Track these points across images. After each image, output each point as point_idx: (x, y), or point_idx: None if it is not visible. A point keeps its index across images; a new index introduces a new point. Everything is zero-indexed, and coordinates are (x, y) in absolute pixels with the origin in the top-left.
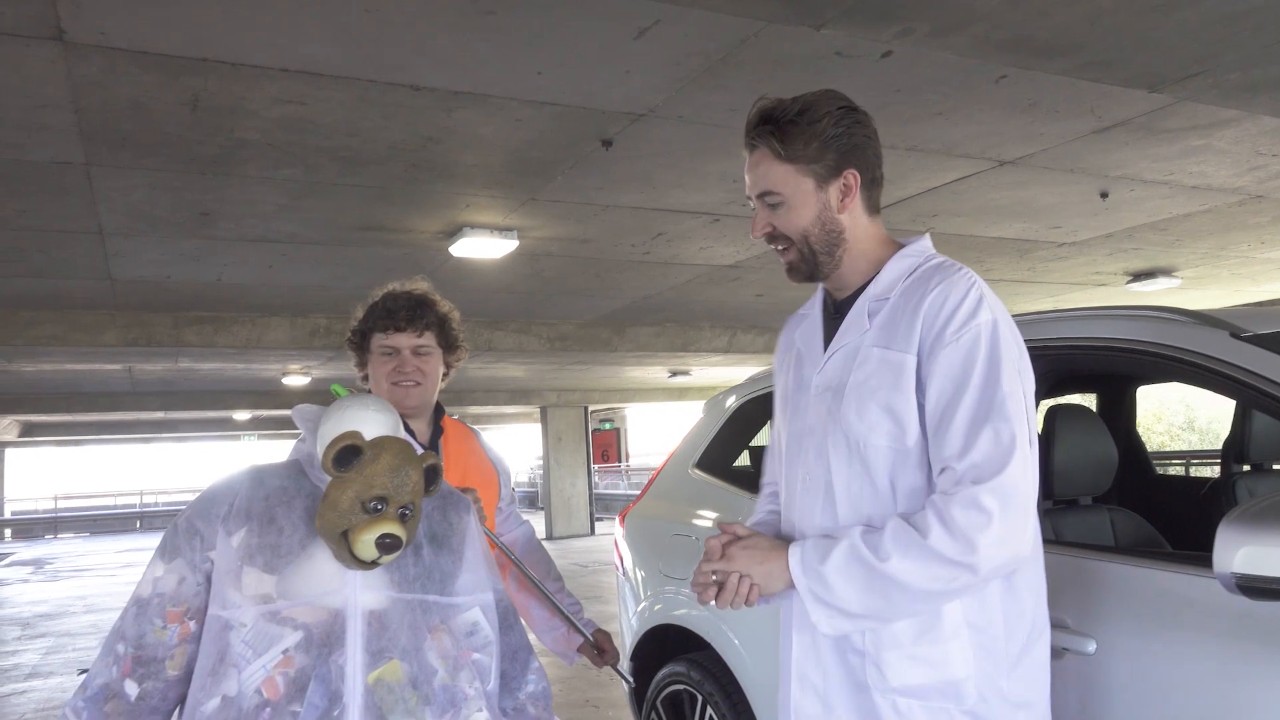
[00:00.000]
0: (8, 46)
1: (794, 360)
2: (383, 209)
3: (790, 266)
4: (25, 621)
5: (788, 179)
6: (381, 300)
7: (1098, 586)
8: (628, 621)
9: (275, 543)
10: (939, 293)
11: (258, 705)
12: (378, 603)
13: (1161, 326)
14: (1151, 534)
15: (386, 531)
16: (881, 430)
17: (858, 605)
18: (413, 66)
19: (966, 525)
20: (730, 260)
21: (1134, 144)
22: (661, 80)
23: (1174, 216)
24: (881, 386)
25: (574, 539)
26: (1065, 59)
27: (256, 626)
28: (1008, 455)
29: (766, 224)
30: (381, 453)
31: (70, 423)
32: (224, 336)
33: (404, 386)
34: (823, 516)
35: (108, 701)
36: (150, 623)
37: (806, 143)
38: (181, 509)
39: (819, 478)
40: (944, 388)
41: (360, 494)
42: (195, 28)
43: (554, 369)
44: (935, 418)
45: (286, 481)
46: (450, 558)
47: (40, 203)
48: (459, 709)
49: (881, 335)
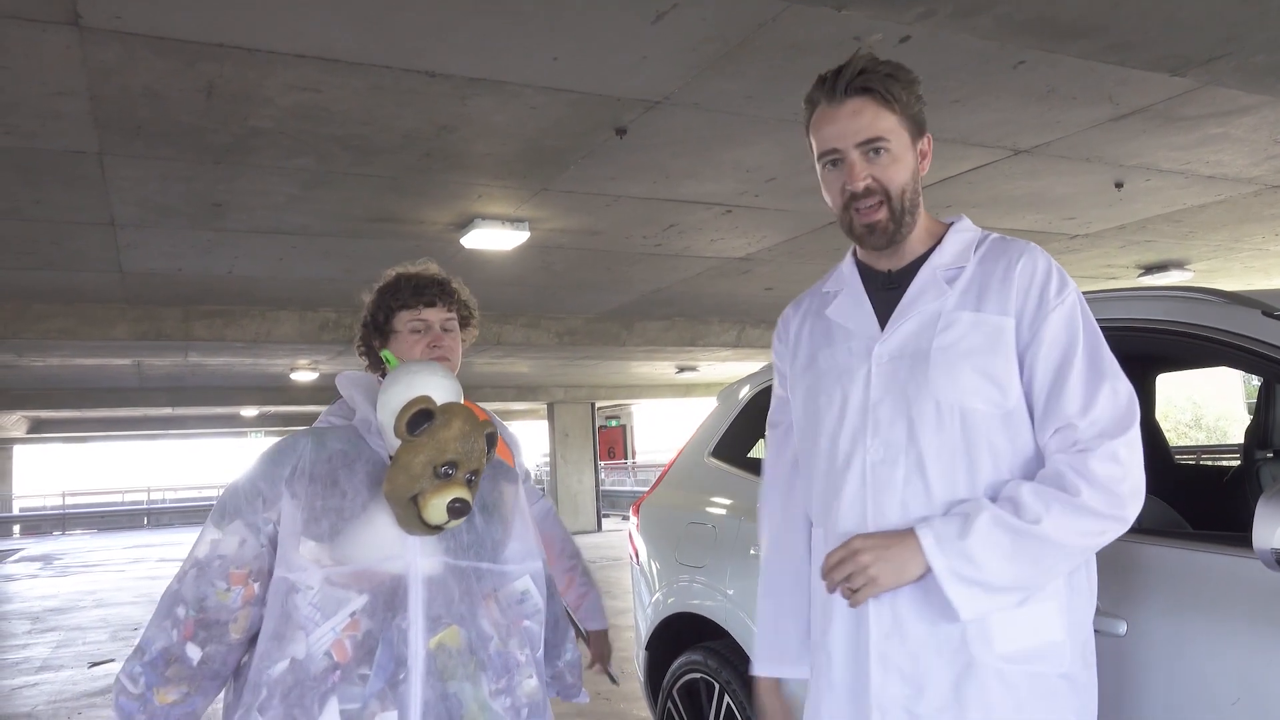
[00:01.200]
0: (23, 30)
1: (819, 339)
2: (394, 199)
3: (875, 226)
4: (35, 616)
5: (895, 129)
6: (402, 279)
7: (1127, 568)
8: (643, 611)
9: (339, 505)
10: (1028, 261)
11: (327, 668)
12: (434, 569)
13: (1193, 306)
14: (1175, 519)
15: (457, 496)
16: (979, 394)
17: (1007, 576)
18: (429, 52)
19: (1108, 479)
20: (741, 253)
21: (1151, 132)
22: (677, 66)
23: (1188, 207)
24: (976, 350)
25: (581, 535)
26: (1088, 40)
27: (323, 589)
28: (1131, 410)
29: (867, 174)
30: (453, 418)
31: (78, 419)
32: (233, 330)
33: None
34: (906, 488)
35: (169, 666)
36: (212, 585)
37: (909, 95)
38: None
39: (900, 447)
40: (1054, 350)
41: (433, 458)
42: (211, 12)
43: (562, 365)
44: (1048, 379)
45: (347, 445)
46: (501, 526)
47: (53, 193)
48: (512, 675)
49: (968, 299)
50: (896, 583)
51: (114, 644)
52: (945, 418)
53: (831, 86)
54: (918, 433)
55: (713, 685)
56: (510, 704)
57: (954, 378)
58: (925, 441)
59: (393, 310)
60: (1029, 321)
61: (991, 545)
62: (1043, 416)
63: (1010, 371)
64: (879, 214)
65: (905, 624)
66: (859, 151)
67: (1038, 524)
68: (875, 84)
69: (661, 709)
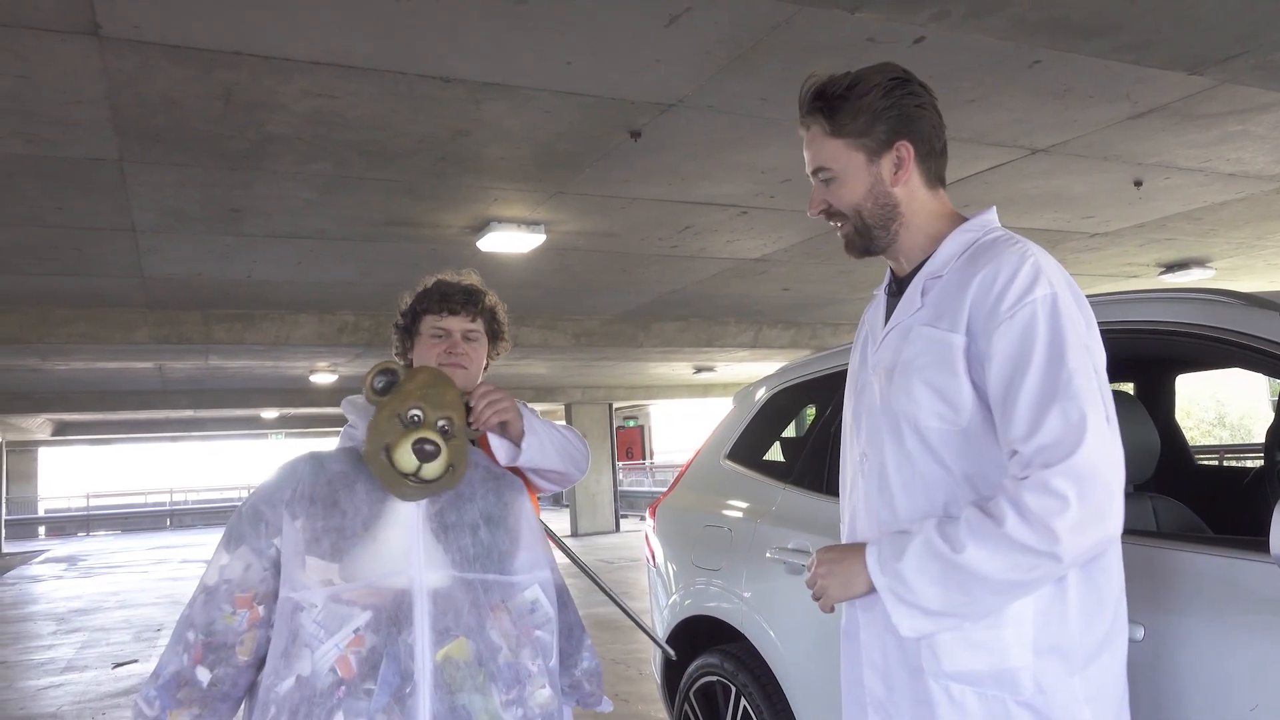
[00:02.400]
0: (44, 41)
1: (863, 340)
2: (410, 204)
3: (846, 241)
4: (60, 617)
5: (838, 154)
6: (436, 285)
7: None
8: (660, 613)
9: (340, 525)
10: (990, 269)
11: (333, 684)
12: (441, 582)
13: (1211, 308)
14: (1195, 521)
15: (422, 436)
16: (929, 410)
17: (938, 602)
18: (443, 58)
19: (1042, 511)
20: (757, 254)
21: (1169, 130)
22: (691, 69)
23: (1209, 205)
24: (928, 365)
25: (599, 536)
26: (1102, 40)
27: (327, 607)
28: (1080, 436)
29: (821, 200)
30: (417, 373)
31: (101, 421)
32: (253, 333)
33: (451, 368)
34: (879, 499)
35: (180, 689)
36: (219, 609)
37: (854, 116)
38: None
39: (874, 459)
40: (1003, 369)
41: (396, 409)
42: (228, 20)
43: (579, 365)
44: (999, 400)
45: (346, 466)
46: (507, 537)
47: (74, 199)
48: (523, 685)
49: (930, 313)
50: (845, 595)
51: (137, 645)
52: (904, 432)
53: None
54: (882, 445)
55: (729, 688)
56: (522, 715)
57: (908, 393)
58: (887, 455)
59: (419, 314)
60: (980, 336)
61: (921, 570)
62: (1000, 438)
63: (961, 389)
64: (845, 229)
65: (884, 631)
66: (815, 178)
67: (960, 553)
68: (810, 119)
69: (678, 711)
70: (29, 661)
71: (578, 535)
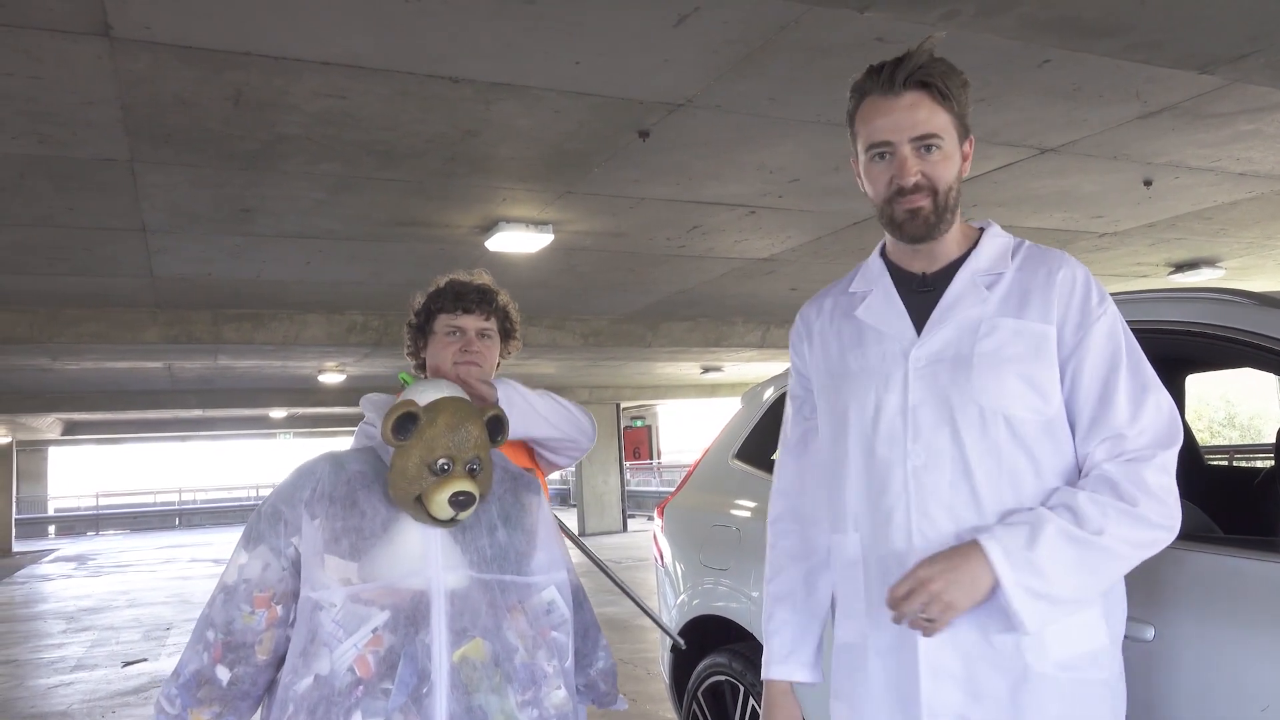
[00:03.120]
0: (56, 42)
1: (848, 340)
2: (419, 203)
3: (914, 215)
4: (70, 615)
5: (948, 127)
6: (449, 284)
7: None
8: (668, 613)
9: (358, 525)
10: (1069, 272)
11: (350, 684)
12: (458, 583)
13: (1222, 308)
14: (1205, 521)
15: (458, 490)
16: (1023, 401)
17: (1070, 588)
18: (452, 58)
19: (1161, 489)
20: (765, 254)
21: (1180, 129)
22: (700, 69)
23: (1219, 205)
24: (1019, 357)
25: (606, 535)
26: (1113, 39)
27: (346, 607)
28: (1175, 423)
29: (917, 170)
30: (438, 414)
31: (111, 421)
32: (262, 333)
33: (465, 367)
34: (953, 493)
35: (200, 688)
36: (238, 608)
37: (962, 96)
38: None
39: (944, 452)
40: (1100, 361)
41: (424, 457)
42: (238, 21)
43: (587, 365)
44: (1095, 390)
45: (365, 466)
46: (524, 538)
47: (85, 200)
48: (539, 686)
49: (1008, 306)
50: (972, 603)
51: (146, 643)
52: (990, 423)
53: (890, 77)
54: (962, 438)
55: (737, 688)
56: (538, 716)
57: (998, 383)
58: (970, 447)
59: (433, 313)
60: (1071, 331)
61: (1058, 557)
62: (1089, 426)
63: (1052, 379)
64: (923, 201)
65: (958, 633)
66: (911, 146)
67: (1100, 535)
68: (935, 79)
69: (687, 711)
70: (39, 660)
71: (585, 535)
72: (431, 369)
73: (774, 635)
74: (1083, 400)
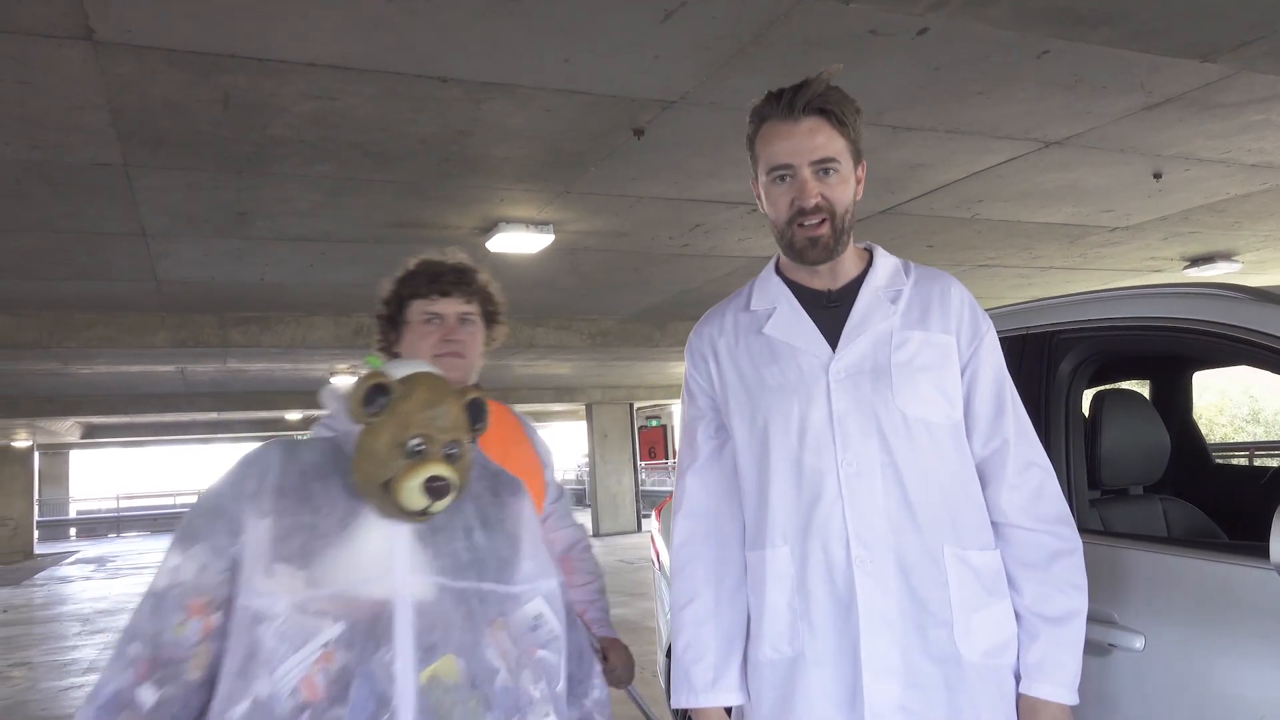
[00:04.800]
0: (40, 46)
1: (760, 357)
2: (417, 205)
3: (818, 241)
4: (85, 617)
5: (845, 152)
6: (422, 265)
7: (1145, 579)
8: (665, 616)
9: (311, 523)
10: (959, 290)
11: (294, 709)
12: (427, 592)
13: (1222, 304)
14: (1207, 525)
15: (433, 474)
16: (936, 407)
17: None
18: (440, 57)
19: (1061, 518)
20: (769, 252)
21: (1188, 120)
22: (691, 65)
23: (1232, 197)
24: (930, 365)
25: (620, 536)
26: (1109, 28)
27: (291, 618)
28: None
29: (818, 193)
30: (414, 388)
31: (129, 424)
32: (269, 336)
33: (448, 357)
34: (887, 498)
35: (120, 711)
36: (168, 618)
37: (855, 122)
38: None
39: (874, 460)
40: (990, 371)
41: (396, 435)
42: (220, 24)
43: (599, 366)
44: (990, 398)
45: (322, 457)
46: (506, 542)
47: (82, 204)
48: (524, 713)
49: (910, 319)
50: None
51: None
52: (913, 429)
53: (789, 104)
54: (890, 444)
55: None
56: None
57: (915, 391)
58: (898, 452)
59: (405, 299)
60: (966, 342)
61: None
62: (988, 429)
63: (957, 385)
64: (823, 229)
65: (896, 630)
66: (811, 169)
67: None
68: (832, 106)
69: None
70: (53, 662)
71: (599, 535)
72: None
73: (697, 661)
74: (979, 408)
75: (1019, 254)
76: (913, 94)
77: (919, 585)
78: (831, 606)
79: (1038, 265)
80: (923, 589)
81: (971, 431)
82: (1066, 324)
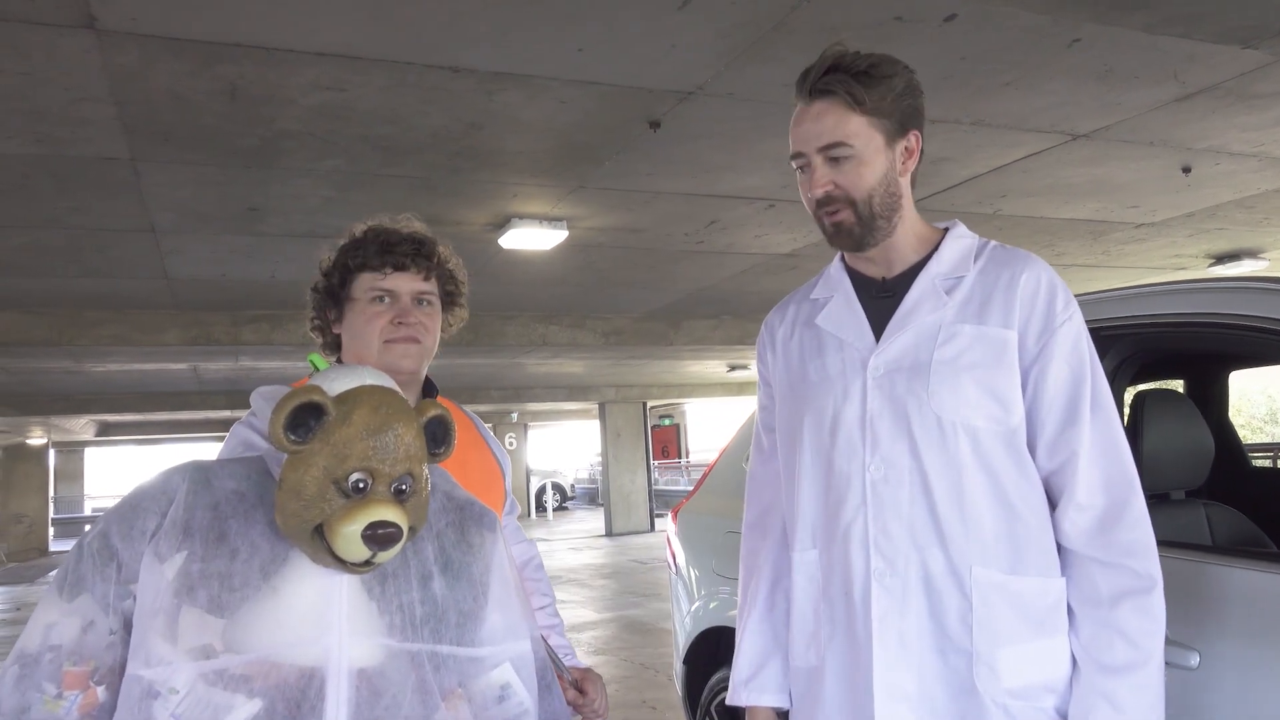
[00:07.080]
0: (41, 35)
1: (809, 349)
2: (428, 200)
3: (838, 229)
4: None
5: (861, 131)
6: (371, 233)
7: (1198, 591)
8: (681, 621)
9: (226, 570)
10: (1033, 274)
11: None
12: (370, 657)
13: (1265, 298)
14: (1254, 531)
15: (378, 519)
16: (982, 410)
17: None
18: (450, 47)
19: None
20: (787, 249)
21: (1220, 112)
22: (709, 54)
23: (1263, 192)
24: (978, 363)
25: (633, 535)
26: (1147, 11)
27: (195, 693)
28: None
29: (829, 181)
30: (355, 408)
31: (143, 422)
32: (281, 334)
33: (402, 343)
34: (912, 509)
35: None
36: (38, 689)
37: (881, 93)
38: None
39: (902, 466)
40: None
41: (331, 470)
42: (225, 12)
43: (611, 364)
44: (1059, 404)
45: (244, 484)
46: (470, 592)
47: (89, 200)
48: None
49: (968, 311)
50: None
51: None
52: (949, 436)
53: (800, 85)
54: (920, 451)
55: None
56: None
57: (956, 393)
58: (929, 460)
59: (350, 271)
60: (1034, 337)
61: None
62: (1054, 439)
63: (1014, 387)
64: (841, 215)
65: (912, 652)
66: (821, 156)
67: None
68: (836, 86)
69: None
70: None
71: (612, 535)
72: (350, 350)
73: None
74: (1045, 414)
75: (1040, 251)
76: (937, 84)
77: (941, 607)
78: (848, 620)
79: (1059, 263)
80: (945, 612)
81: (1035, 441)
82: (1107, 320)
